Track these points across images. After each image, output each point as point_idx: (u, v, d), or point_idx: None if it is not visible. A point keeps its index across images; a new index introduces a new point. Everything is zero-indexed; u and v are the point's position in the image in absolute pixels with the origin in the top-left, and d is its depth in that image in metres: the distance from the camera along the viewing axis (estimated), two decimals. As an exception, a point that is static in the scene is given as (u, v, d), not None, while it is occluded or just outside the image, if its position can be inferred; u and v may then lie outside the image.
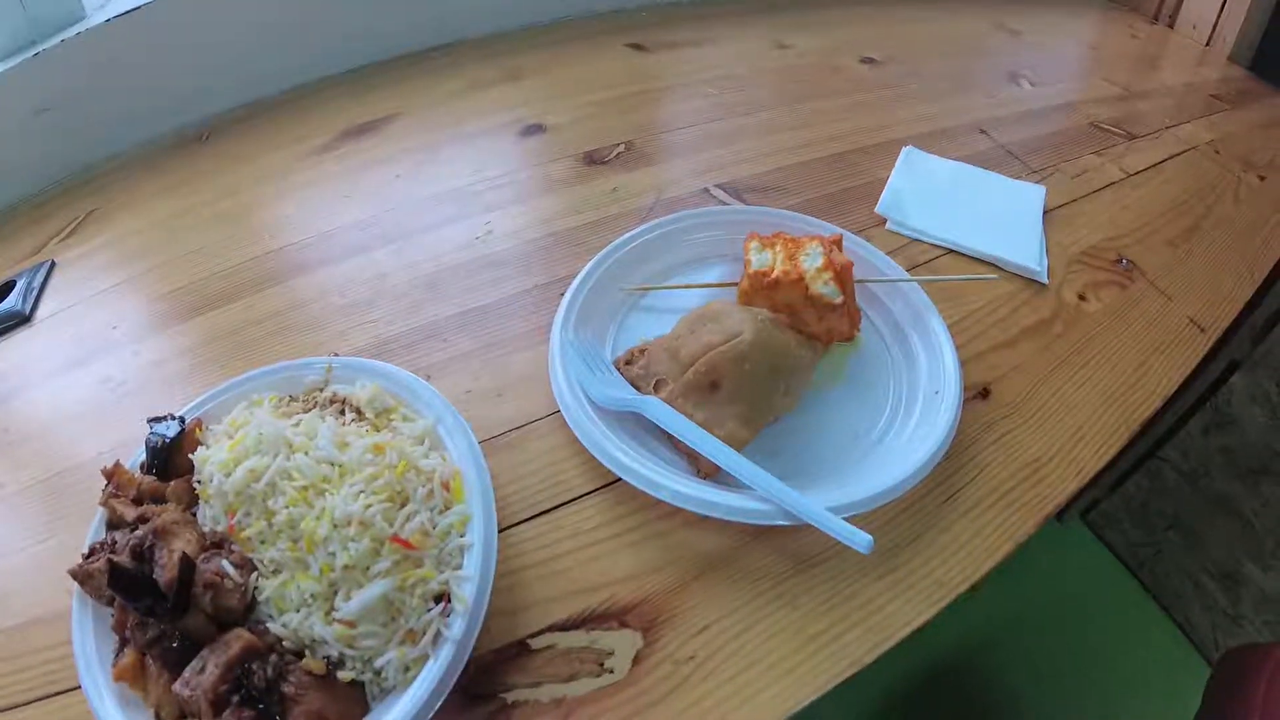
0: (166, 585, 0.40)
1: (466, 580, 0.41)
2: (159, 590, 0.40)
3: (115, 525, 0.46)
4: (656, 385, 0.51)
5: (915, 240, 0.72)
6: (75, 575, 0.43)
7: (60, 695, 0.43)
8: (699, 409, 0.48)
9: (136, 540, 0.42)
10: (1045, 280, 0.68)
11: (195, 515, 0.46)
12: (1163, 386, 0.61)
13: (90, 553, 0.44)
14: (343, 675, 0.40)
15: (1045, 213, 0.76)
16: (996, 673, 1.26)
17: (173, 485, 0.47)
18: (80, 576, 0.43)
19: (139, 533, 0.43)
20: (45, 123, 0.80)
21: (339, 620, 0.40)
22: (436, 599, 0.41)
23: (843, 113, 0.90)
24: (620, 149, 0.81)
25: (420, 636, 0.40)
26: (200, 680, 0.39)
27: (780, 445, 0.51)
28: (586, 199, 0.74)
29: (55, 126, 0.81)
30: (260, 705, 0.39)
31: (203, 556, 0.43)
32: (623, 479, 0.47)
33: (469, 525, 0.43)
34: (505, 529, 0.48)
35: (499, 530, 0.44)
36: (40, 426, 0.58)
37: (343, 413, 0.50)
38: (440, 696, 0.39)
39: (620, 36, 1.03)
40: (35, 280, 0.71)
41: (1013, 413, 0.57)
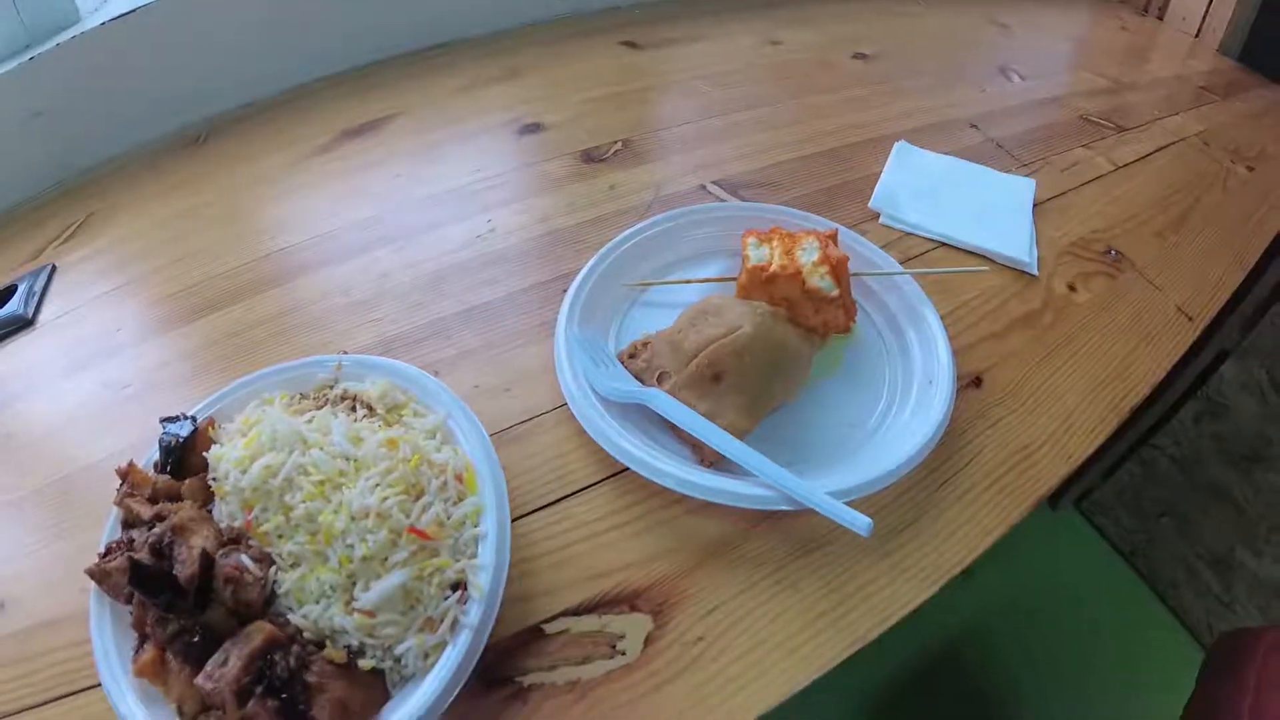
0: (187, 581, 0.42)
1: (482, 569, 0.43)
2: (179, 586, 0.42)
3: (131, 524, 0.47)
4: (660, 378, 0.53)
5: (908, 234, 0.74)
6: (93, 574, 0.44)
7: (76, 695, 0.44)
8: (702, 400, 0.50)
9: (155, 537, 0.43)
10: (1035, 272, 0.71)
11: (210, 512, 0.47)
12: (1151, 374, 0.64)
13: (107, 552, 0.45)
14: (363, 664, 0.41)
15: (1035, 205, 0.79)
16: (993, 659, 1.29)
17: (187, 483, 0.49)
18: (98, 575, 0.44)
19: (157, 530, 0.44)
20: (41, 126, 0.81)
21: (358, 610, 0.42)
22: (453, 587, 0.43)
23: (835, 108, 0.93)
24: (617, 146, 0.83)
25: (439, 624, 0.42)
26: (223, 673, 0.40)
27: (780, 434, 0.53)
28: (585, 197, 0.76)
29: (52, 130, 0.82)
30: (283, 695, 0.40)
31: (221, 552, 0.44)
32: (630, 468, 0.49)
33: (482, 515, 0.45)
34: (516, 519, 0.50)
35: (510, 520, 0.46)
36: (45, 430, 0.59)
37: (354, 409, 0.52)
38: (460, 681, 0.40)
39: (614, 34, 1.06)
40: (37, 284, 0.72)
41: (1005, 400, 0.59)
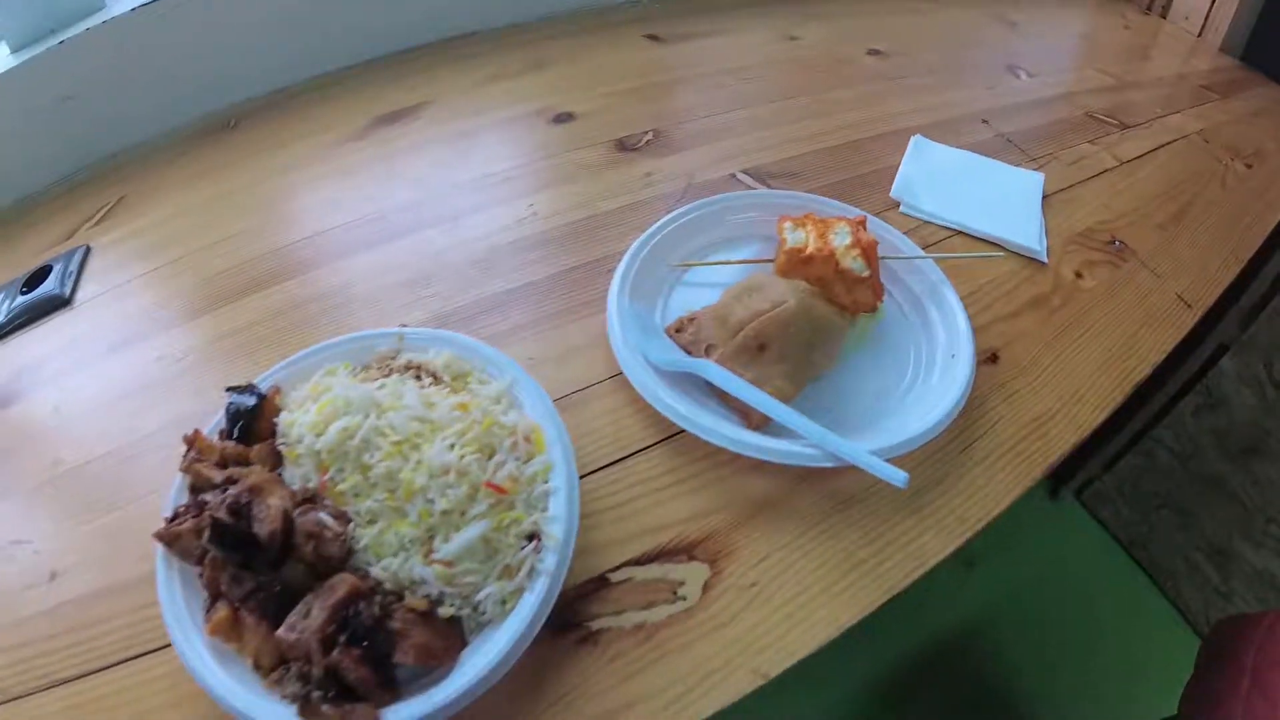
0: (269, 537, 0.45)
1: (555, 520, 0.48)
2: (259, 543, 0.45)
3: (199, 489, 0.50)
4: (707, 350, 0.60)
5: (926, 222, 0.82)
6: (162, 537, 0.47)
7: (138, 659, 0.48)
8: (748, 368, 0.57)
9: (233, 498, 0.46)
10: (1045, 259, 0.79)
11: (280, 475, 0.51)
12: (1153, 354, 0.71)
13: (174, 516, 0.48)
14: (442, 611, 0.46)
15: (1044, 198, 0.86)
16: (994, 648, 1.35)
17: (256, 449, 0.52)
18: (167, 538, 0.47)
19: (233, 491, 0.47)
20: (71, 110, 0.85)
21: (438, 561, 0.46)
22: (528, 538, 0.48)
23: (853, 103, 1.00)
24: (649, 136, 0.90)
25: (516, 571, 0.47)
26: (307, 624, 0.43)
27: (818, 402, 0.60)
28: (621, 183, 0.83)
29: (81, 114, 0.86)
30: (364, 643, 0.43)
31: (297, 511, 0.48)
32: (685, 430, 0.56)
33: (552, 472, 0.51)
34: (579, 478, 0.54)
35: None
36: (92, 405, 0.63)
37: (419, 378, 0.57)
38: (537, 624, 0.45)
39: (637, 27, 1.13)
40: (71, 264, 0.76)
41: (1019, 375, 0.67)
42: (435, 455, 0.49)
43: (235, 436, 0.54)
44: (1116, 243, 0.82)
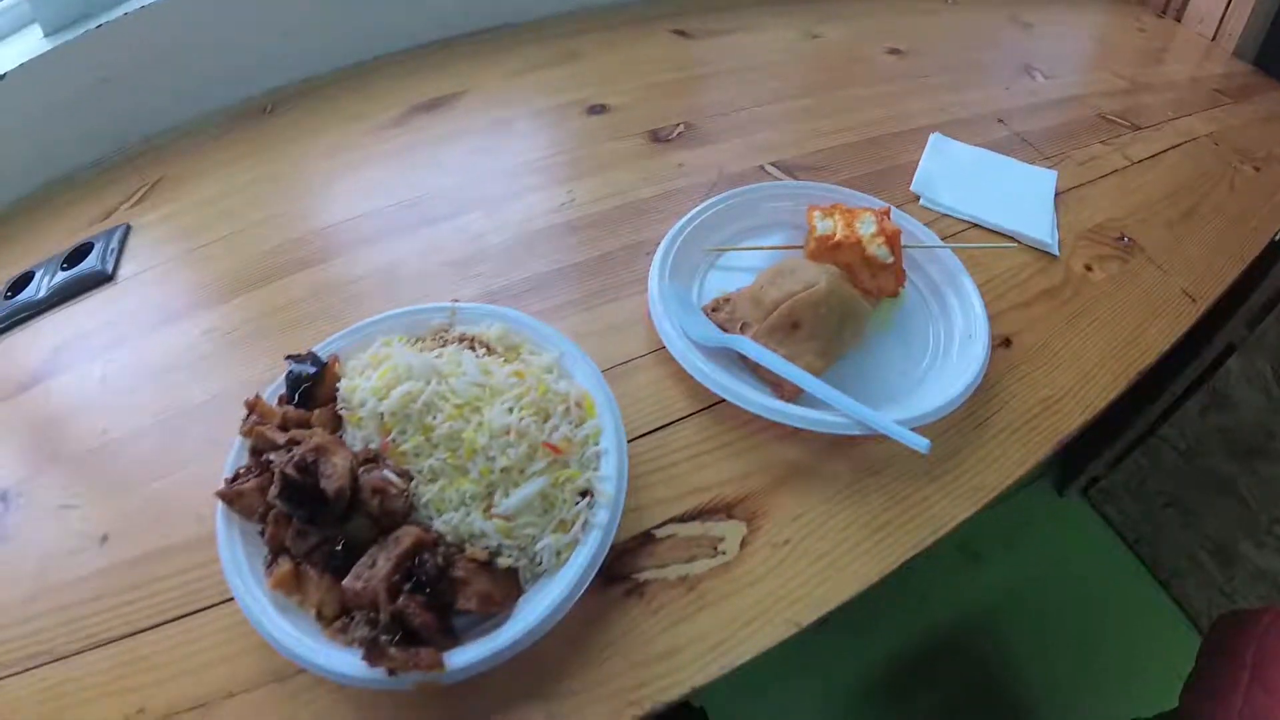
0: (336, 493, 0.49)
1: (606, 478, 0.54)
2: (326, 499, 0.49)
3: (260, 450, 0.55)
4: (742, 328, 0.67)
5: (945, 215, 0.89)
6: (225, 496, 0.52)
7: (196, 614, 0.53)
8: (781, 345, 0.64)
9: (299, 457, 0.50)
10: (1056, 253, 0.86)
11: (341, 438, 0.56)
12: (1158, 344, 0.77)
13: (235, 476, 0.53)
14: (501, 562, 0.51)
15: (1056, 195, 0.93)
16: (999, 642, 1.41)
17: (317, 413, 0.58)
18: (230, 497, 0.52)
19: (299, 450, 0.51)
20: (108, 92, 0.90)
21: (498, 515, 0.51)
22: (581, 494, 0.53)
23: (874, 100, 1.08)
24: (680, 128, 0.97)
25: (571, 525, 0.52)
26: (373, 573, 0.48)
27: (844, 378, 0.66)
28: (655, 173, 0.90)
29: (118, 96, 0.91)
30: (428, 590, 0.48)
31: (362, 469, 0.53)
32: (724, 400, 0.63)
33: (602, 435, 0.57)
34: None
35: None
36: (139, 376, 0.68)
37: (473, 349, 0.62)
38: (590, 574, 0.50)
39: (666, 23, 1.20)
40: (113, 242, 0.81)
41: (1031, 358, 0.73)
42: (496, 417, 0.54)
43: (295, 402, 0.58)
44: (1125, 239, 0.89)
